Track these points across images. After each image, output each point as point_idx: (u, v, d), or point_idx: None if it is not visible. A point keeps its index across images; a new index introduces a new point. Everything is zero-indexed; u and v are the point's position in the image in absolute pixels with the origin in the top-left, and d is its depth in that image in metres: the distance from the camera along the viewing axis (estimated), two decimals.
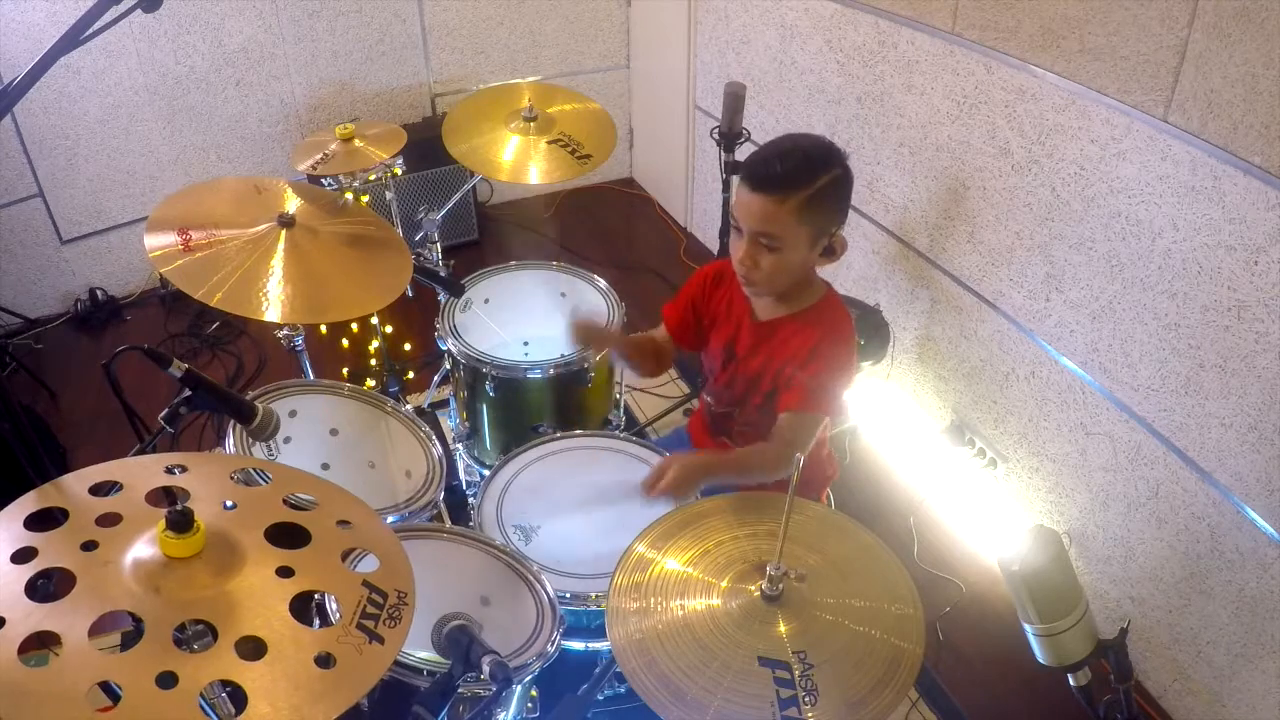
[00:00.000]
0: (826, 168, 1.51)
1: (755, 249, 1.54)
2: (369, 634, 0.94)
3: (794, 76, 3.05)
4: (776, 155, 1.51)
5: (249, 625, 0.91)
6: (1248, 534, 1.88)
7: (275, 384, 1.83)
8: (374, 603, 0.98)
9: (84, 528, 0.97)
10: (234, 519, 1.03)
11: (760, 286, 1.61)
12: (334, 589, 0.99)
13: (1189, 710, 2.15)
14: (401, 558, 1.06)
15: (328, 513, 1.09)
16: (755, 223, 1.52)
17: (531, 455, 1.87)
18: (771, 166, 1.50)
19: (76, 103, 3.31)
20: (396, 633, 0.96)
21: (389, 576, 1.02)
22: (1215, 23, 1.69)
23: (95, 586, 0.91)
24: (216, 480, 1.11)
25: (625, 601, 1.25)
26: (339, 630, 0.93)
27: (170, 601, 0.91)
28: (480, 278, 2.36)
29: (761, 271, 1.56)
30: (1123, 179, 1.97)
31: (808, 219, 1.51)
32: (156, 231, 1.69)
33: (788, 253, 1.54)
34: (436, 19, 3.80)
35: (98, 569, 0.93)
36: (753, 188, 1.51)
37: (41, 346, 3.46)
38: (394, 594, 1.00)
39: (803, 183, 1.49)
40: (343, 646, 0.91)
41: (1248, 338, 1.79)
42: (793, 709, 1.09)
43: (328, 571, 1.01)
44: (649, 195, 4.45)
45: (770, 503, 1.40)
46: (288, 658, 0.88)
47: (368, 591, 0.98)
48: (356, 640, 0.93)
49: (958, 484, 2.69)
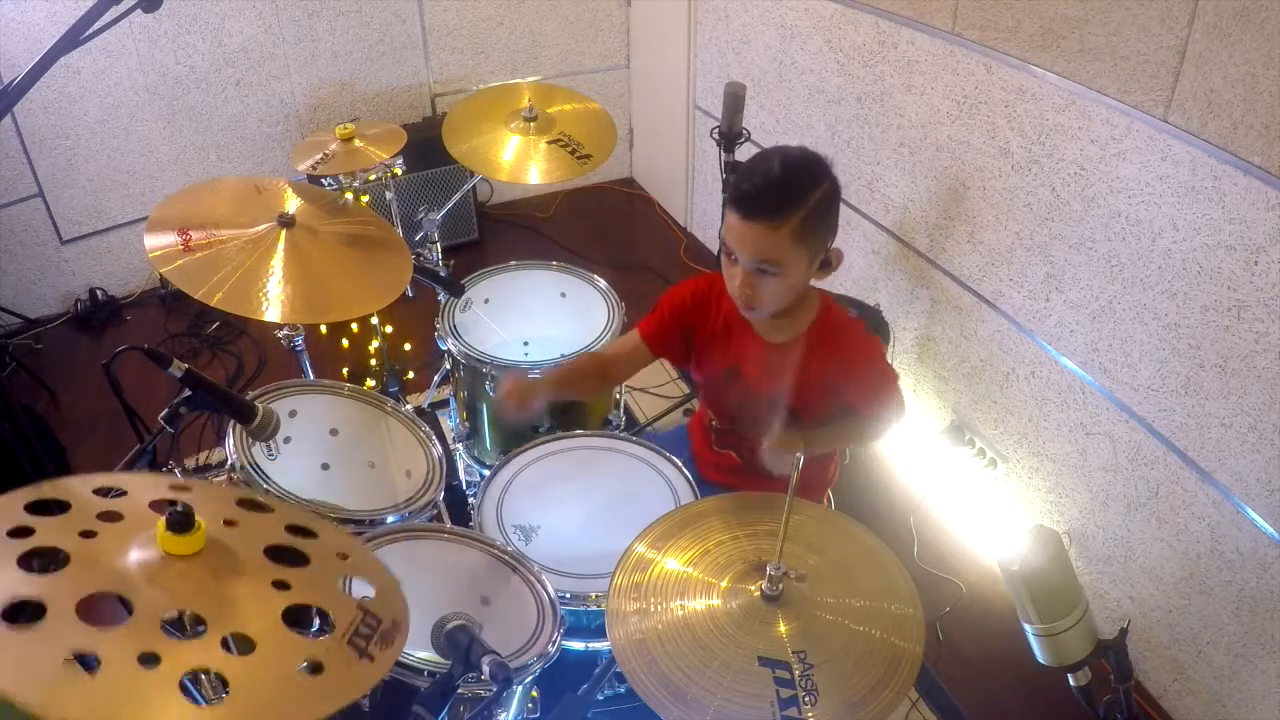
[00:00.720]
0: (816, 183, 1.48)
1: (754, 277, 1.50)
2: (360, 651, 0.93)
3: (794, 76, 3.06)
4: (765, 178, 1.46)
5: (240, 623, 0.90)
6: (1248, 534, 1.88)
7: (275, 384, 1.83)
8: (368, 624, 0.97)
9: (85, 519, 0.97)
10: (235, 534, 1.03)
11: (762, 310, 1.58)
12: (329, 607, 0.98)
13: (1189, 710, 2.15)
14: (397, 596, 1.06)
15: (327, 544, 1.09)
16: (753, 253, 1.48)
17: (531, 455, 1.87)
18: (762, 192, 1.45)
19: (76, 103, 3.31)
20: (387, 654, 0.95)
21: (384, 606, 1.02)
22: (1215, 23, 1.69)
23: (89, 568, 0.90)
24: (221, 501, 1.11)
25: (625, 602, 1.25)
26: (330, 643, 0.92)
27: (163, 591, 0.91)
28: (480, 278, 2.36)
29: (761, 297, 1.53)
30: (1123, 179, 1.97)
31: (804, 239, 1.47)
32: (156, 231, 1.69)
33: (788, 276, 1.51)
34: (436, 19, 3.80)
35: (94, 554, 0.92)
36: (745, 216, 1.45)
37: (41, 346, 3.46)
38: (390, 621, 0.99)
39: (796, 203, 1.45)
40: (333, 658, 0.90)
41: (1248, 338, 1.79)
42: (793, 709, 1.09)
43: (325, 591, 1.00)
44: (649, 195, 4.45)
45: (770, 503, 1.40)
46: (276, 658, 0.88)
47: (363, 614, 0.97)
48: (347, 655, 0.92)
49: (958, 484, 2.69)
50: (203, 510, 1.04)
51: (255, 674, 0.86)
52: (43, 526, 0.93)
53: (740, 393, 1.74)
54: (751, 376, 1.71)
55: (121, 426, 1.77)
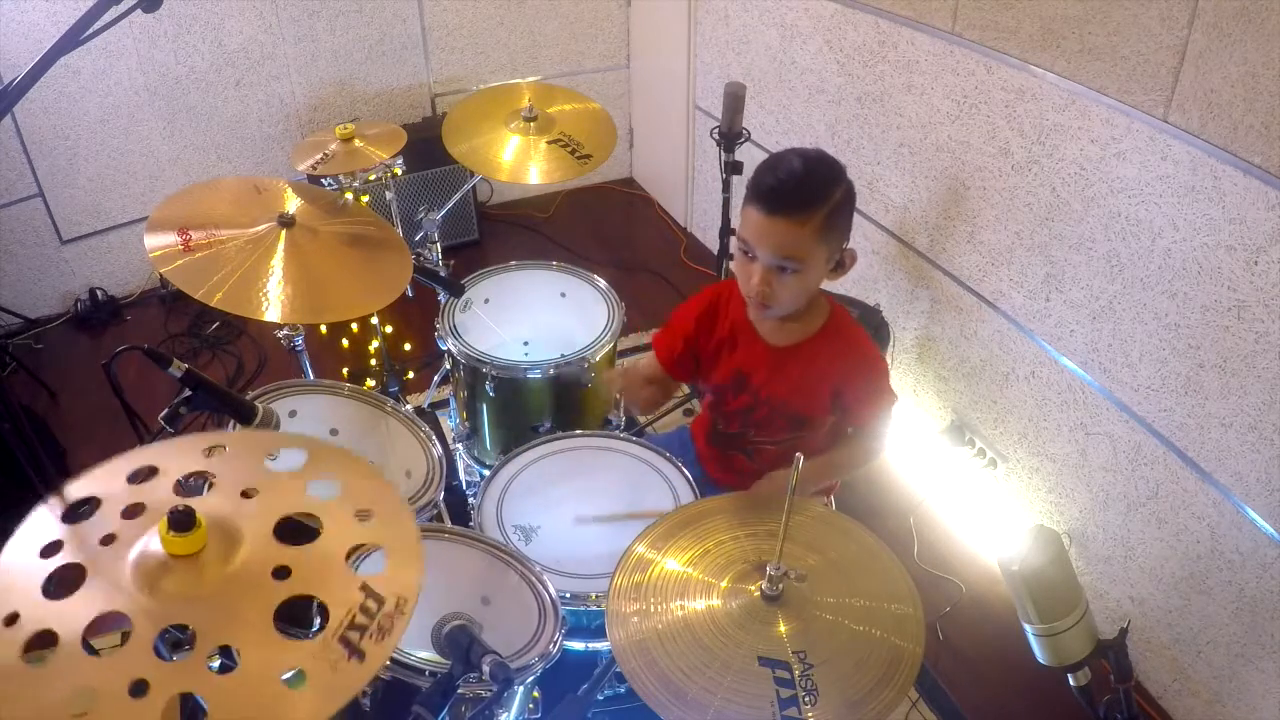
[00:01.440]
0: (838, 181, 1.49)
1: (773, 275, 1.49)
2: (350, 648, 0.91)
3: (794, 76, 3.06)
4: (789, 173, 1.45)
5: (228, 634, 0.90)
6: (1248, 534, 1.88)
7: (275, 384, 1.83)
8: (366, 611, 0.94)
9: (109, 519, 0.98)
10: (248, 509, 1.02)
11: (777, 309, 1.56)
12: (328, 594, 0.96)
13: (1189, 710, 2.15)
14: (415, 559, 1.02)
15: (351, 500, 1.06)
16: (776, 249, 1.46)
17: (531, 455, 1.87)
18: (787, 187, 1.43)
19: (76, 103, 3.31)
20: (381, 648, 0.92)
21: (393, 581, 0.99)
22: (1215, 23, 1.69)
23: (99, 584, 0.91)
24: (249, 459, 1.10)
25: (625, 602, 1.25)
26: (319, 645, 0.91)
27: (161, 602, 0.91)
28: (480, 278, 2.36)
29: (778, 296, 1.51)
30: (1123, 179, 1.97)
31: (826, 237, 1.47)
32: (156, 231, 1.69)
33: (808, 274, 1.50)
34: (436, 19, 3.80)
35: (108, 565, 0.93)
36: (769, 211, 1.44)
37: (41, 346, 3.46)
38: (393, 600, 0.96)
39: (821, 200, 1.45)
40: (318, 662, 0.89)
41: (1248, 338, 1.79)
42: (793, 709, 1.09)
43: (327, 573, 0.99)
44: (649, 195, 4.45)
45: (770, 503, 1.39)
46: (255, 675, 0.87)
47: (363, 597, 0.95)
48: (335, 655, 0.90)
49: (958, 484, 2.69)
50: (226, 477, 1.04)
51: (232, 695, 0.86)
52: (70, 538, 0.95)
53: (748, 399, 1.73)
54: (758, 382, 1.70)
55: (121, 426, 1.77)
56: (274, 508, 1.03)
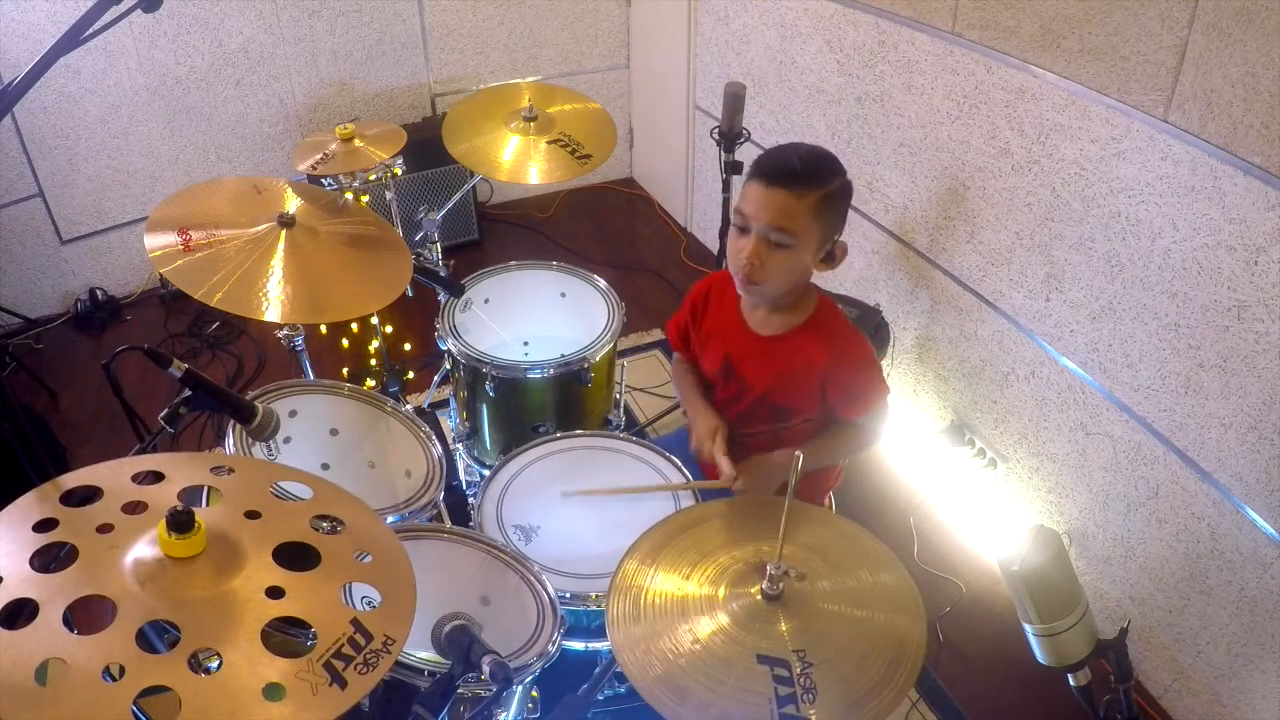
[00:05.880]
0: (837, 172, 1.54)
1: (764, 246, 1.51)
2: (333, 675, 0.90)
3: (794, 76, 3.06)
4: (793, 153, 1.51)
5: (213, 638, 0.90)
6: (1248, 534, 1.88)
7: (275, 384, 1.83)
8: (354, 644, 0.94)
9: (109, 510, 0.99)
10: (253, 528, 1.03)
11: (764, 286, 1.56)
12: (318, 620, 0.96)
13: (1189, 710, 2.15)
14: (408, 606, 1.03)
15: (352, 540, 1.08)
16: (770, 217, 1.49)
17: (531, 455, 1.87)
18: (790, 161, 1.49)
19: (76, 103, 3.31)
20: (364, 681, 0.92)
21: (384, 620, 0.99)
22: (1215, 23, 1.69)
23: (89, 568, 0.92)
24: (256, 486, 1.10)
25: (625, 602, 1.25)
26: (302, 664, 0.90)
27: (151, 597, 0.91)
28: (480, 278, 2.36)
29: (767, 271, 1.53)
30: (1123, 179, 1.97)
31: (820, 217, 1.50)
32: (156, 231, 1.69)
33: (798, 251, 1.52)
34: (436, 19, 3.80)
35: (101, 552, 0.93)
36: (769, 182, 1.49)
37: (41, 346, 3.46)
38: (381, 639, 0.96)
39: (820, 181, 1.50)
40: (299, 682, 0.89)
41: (1248, 338, 1.79)
42: (790, 706, 1.08)
43: (320, 601, 0.98)
44: (649, 195, 4.45)
45: (770, 504, 1.39)
46: (235, 681, 0.87)
47: (352, 630, 0.95)
48: (317, 678, 0.90)
49: (958, 484, 2.69)
50: (232, 496, 1.04)
51: (209, 697, 0.86)
52: (68, 519, 0.96)
53: (735, 387, 1.74)
54: (745, 371, 1.72)
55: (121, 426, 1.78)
56: (276, 533, 1.03)
